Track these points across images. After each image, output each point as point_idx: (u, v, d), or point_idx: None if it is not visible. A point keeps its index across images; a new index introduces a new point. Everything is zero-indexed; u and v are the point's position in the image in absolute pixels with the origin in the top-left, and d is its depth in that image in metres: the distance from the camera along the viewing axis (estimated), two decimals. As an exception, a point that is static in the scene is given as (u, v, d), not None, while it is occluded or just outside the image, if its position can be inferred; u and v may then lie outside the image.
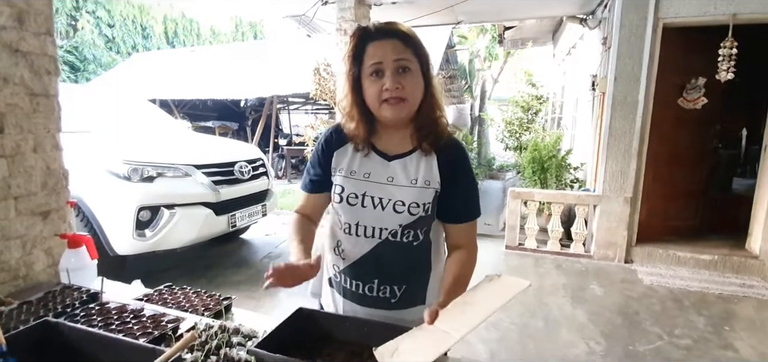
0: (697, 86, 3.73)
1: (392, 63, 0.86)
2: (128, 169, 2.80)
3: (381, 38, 0.88)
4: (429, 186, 0.92)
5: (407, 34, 0.89)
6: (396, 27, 0.90)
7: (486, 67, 11.90)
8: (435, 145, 0.94)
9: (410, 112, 0.91)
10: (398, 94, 0.87)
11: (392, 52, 0.87)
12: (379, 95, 0.88)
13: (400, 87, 0.87)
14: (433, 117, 0.94)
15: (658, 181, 3.87)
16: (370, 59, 0.88)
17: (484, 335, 2.50)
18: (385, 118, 0.91)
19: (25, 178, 1.35)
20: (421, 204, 0.91)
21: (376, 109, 0.90)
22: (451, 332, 0.71)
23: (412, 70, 0.88)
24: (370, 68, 0.88)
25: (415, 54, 0.89)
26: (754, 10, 3.26)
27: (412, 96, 0.89)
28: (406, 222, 0.92)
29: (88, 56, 12.57)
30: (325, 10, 4.79)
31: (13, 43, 1.30)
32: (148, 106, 4.44)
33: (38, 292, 1.12)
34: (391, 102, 0.87)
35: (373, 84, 0.88)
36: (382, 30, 0.89)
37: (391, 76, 0.86)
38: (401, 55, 0.87)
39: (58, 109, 1.47)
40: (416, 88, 0.89)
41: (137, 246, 2.81)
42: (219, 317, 1.09)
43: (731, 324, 2.71)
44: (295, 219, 1.03)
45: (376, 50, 0.88)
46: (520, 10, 5.08)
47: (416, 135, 0.94)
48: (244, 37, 17.79)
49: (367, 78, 0.89)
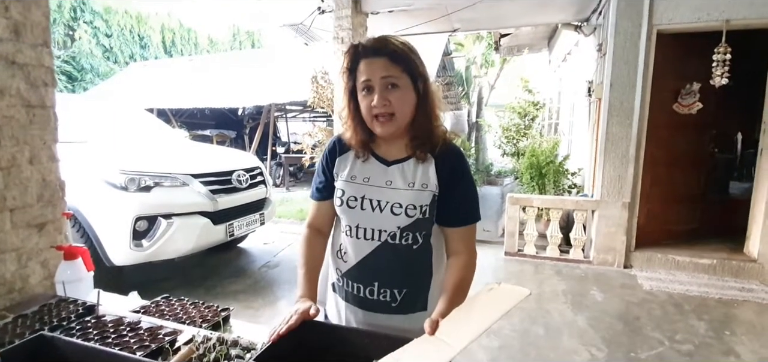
0: (692, 91, 3.76)
1: (380, 80, 0.91)
2: (125, 179, 2.78)
3: (371, 56, 0.92)
4: (426, 188, 0.95)
5: (396, 51, 0.92)
6: (387, 44, 0.93)
7: (482, 73, 12.00)
8: (432, 152, 0.97)
9: (400, 127, 0.95)
10: (385, 110, 0.91)
11: (380, 70, 0.90)
12: (370, 111, 0.93)
13: (387, 103, 0.91)
14: (428, 127, 0.96)
15: (655, 186, 3.89)
16: (361, 76, 0.93)
17: (485, 343, 2.48)
18: (377, 132, 0.96)
19: (20, 190, 1.34)
20: (418, 206, 0.94)
21: (369, 122, 0.95)
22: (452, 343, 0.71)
23: (400, 86, 0.92)
24: (362, 85, 0.93)
25: (406, 69, 0.92)
26: (747, 16, 3.30)
27: (401, 111, 0.92)
28: (404, 225, 0.94)
29: (86, 66, 12.59)
30: (322, 19, 4.84)
31: (9, 55, 1.30)
32: (144, 116, 4.43)
33: (34, 305, 1.11)
34: (380, 119, 0.92)
35: (365, 99, 0.93)
36: (373, 48, 0.93)
37: (379, 94, 0.91)
38: (389, 73, 0.90)
39: (55, 120, 1.46)
40: (405, 102, 0.93)
41: (134, 257, 2.78)
42: (217, 329, 1.08)
43: (732, 329, 2.70)
44: (304, 237, 1.05)
45: (366, 68, 0.92)
46: (516, 17, 5.13)
47: (411, 144, 0.97)
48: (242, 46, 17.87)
49: (360, 93, 0.95)
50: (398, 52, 0.92)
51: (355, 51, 0.95)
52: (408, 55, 0.93)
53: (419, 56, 0.96)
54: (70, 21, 12.46)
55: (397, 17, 4.66)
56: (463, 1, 4.14)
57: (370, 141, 1.00)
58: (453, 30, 5.44)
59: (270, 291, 3.30)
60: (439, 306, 0.85)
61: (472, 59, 11.40)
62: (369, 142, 1.00)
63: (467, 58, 11.31)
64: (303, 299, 0.93)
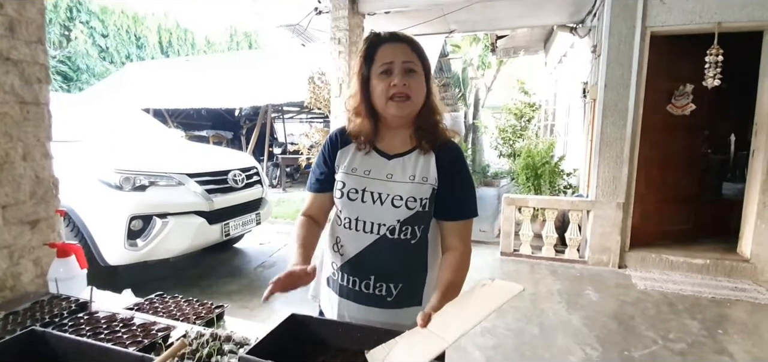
0: (685, 93, 3.80)
1: (401, 64, 0.95)
2: (120, 178, 2.77)
3: (392, 42, 0.98)
4: (426, 181, 0.97)
5: (415, 42, 1.00)
6: (406, 35, 1.01)
7: (479, 75, 12.04)
8: (433, 145, 0.99)
9: (413, 112, 0.98)
10: (405, 90, 0.95)
11: (402, 55, 0.96)
12: (387, 92, 0.95)
13: (406, 85, 0.95)
14: (433, 120, 1.01)
15: (649, 186, 3.92)
16: (381, 59, 0.96)
17: (479, 342, 2.49)
18: (390, 114, 0.98)
19: (13, 186, 1.34)
20: (419, 199, 0.95)
21: (382, 106, 0.97)
22: (443, 336, 0.71)
23: (417, 73, 0.97)
24: (381, 67, 0.96)
25: (420, 59, 0.98)
26: (738, 19, 3.34)
27: (417, 96, 0.97)
28: (403, 218, 0.96)
29: (82, 66, 12.52)
30: (319, 20, 4.84)
31: (3, 51, 1.30)
32: (140, 115, 4.41)
33: (25, 303, 1.10)
34: (396, 98, 0.95)
35: (382, 82, 0.96)
36: (394, 36, 0.99)
37: (400, 75, 0.95)
38: (409, 58, 0.96)
39: (49, 117, 1.45)
40: (420, 89, 0.98)
41: (129, 256, 2.77)
42: (211, 325, 1.07)
43: (725, 328, 2.73)
44: (299, 221, 1.06)
45: (386, 52, 0.97)
46: (512, 19, 5.16)
47: (416, 135, 1.00)
48: (239, 47, 17.84)
49: (376, 76, 0.97)
50: (416, 43, 0.99)
51: (375, 38, 0.99)
52: (422, 50, 1.00)
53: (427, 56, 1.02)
54: (66, 21, 12.38)
55: (394, 18, 4.68)
56: (459, 3, 4.16)
57: (375, 132, 1.02)
58: (449, 31, 5.46)
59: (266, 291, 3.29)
60: (433, 300, 0.85)
61: (468, 61, 11.43)
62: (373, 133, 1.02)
63: (464, 59, 11.33)
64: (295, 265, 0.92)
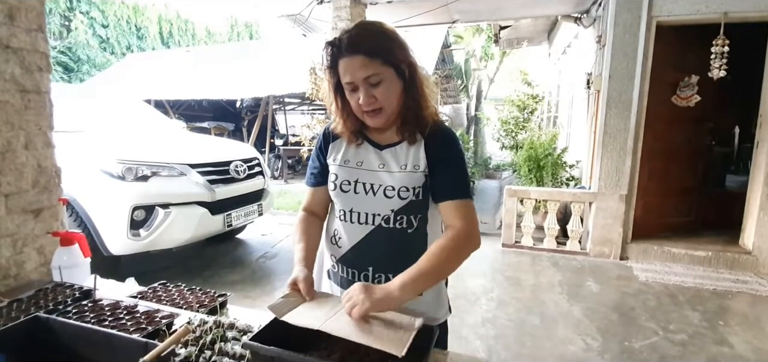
0: (690, 84, 3.76)
1: (362, 81, 0.89)
2: (122, 168, 2.78)
3: (348, 56, 0.89)
4: (417, 170, 0.96)
5: (372, 47, 0.88)
6: (362, 40, 0.89)
7: (482, 66, 11.95)
8: (422, 135, 0.97)
9: (390, 117, 0.95)
10: (372, 107, 0.91)
11: (360, 70, 0.88)
12: (358, 108, 0.93)
13: (373, 100, 0.90)
14: (417, 111, 0.96)
15: (652, 178, 3.90)
16: (344, 77, 0.91)
17: (481, 331, 2.50)
18: (369, 124, 0.96)
19: (16, 175, 1.34)
20: (411, 189, 0.95)
21: (360, 116, 0.95)
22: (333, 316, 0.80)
23: (383, 80, 0.90)
24: (346, 86, 0.93)
25: (386, 61, 0.89)
26: (745, 9, 3.29)
27: (388, 103, 0.92)
28: (397, 207, 0.95)
29: (82, 57, 12.47)
30: (320, 10, 4.79)
31: (3, 39, 1.29)
32: (142, 106, 4.40)
33: (29, 291, 1.11)
34: (368, 115, 0.93)
35: (352, 97, 0.93)
36: (348, 45, 0.89)
37: (364, 93, 0.90)
38: (368, 72, 0.88)
39: (50, 106, 1.45)
40: (390, 94, 0.92)
41: (132, 246, 2.78)
42: (214, 313, 1.08)
43: (726, 320, 2.73)
44: (300, 217, 1.07)
45: (346, 69, 0.90)
46: (516, 9, 5.09)
47: (400, 129, 0.98)
48: (240, 37, 17.72)
49: (346, 89, 0.94)
50: (374, 47, 0.88)
51: (332, 49, 0.93)
52: (385, 46, 0.90)
53: (399, 40, 0.92)
54: (67, 11, 12.30)
55: (396, 8, 4.63)
56: (462, -8, 4.11)
57: (362, 128, 1.00)
58: (452, 21, 5.40)
59: (268, 281, 3.31)
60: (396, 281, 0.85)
61: (471, 52, 11.34)
62: (361, 129, 1.00)
63: (466, 50, 11.25)
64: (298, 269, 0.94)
